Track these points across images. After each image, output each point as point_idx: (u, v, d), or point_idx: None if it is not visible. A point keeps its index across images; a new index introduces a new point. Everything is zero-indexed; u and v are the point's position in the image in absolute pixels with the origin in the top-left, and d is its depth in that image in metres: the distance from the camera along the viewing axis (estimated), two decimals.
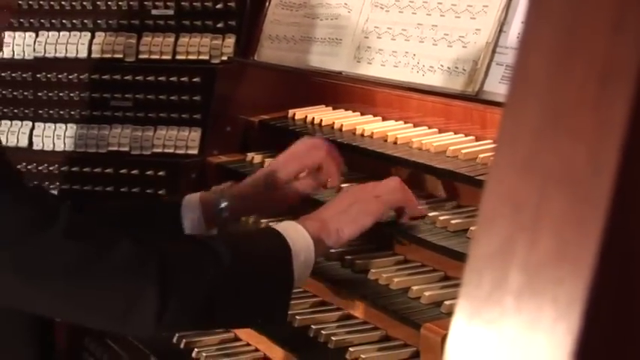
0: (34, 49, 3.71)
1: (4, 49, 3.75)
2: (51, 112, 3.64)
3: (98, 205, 2.73)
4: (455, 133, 2.52)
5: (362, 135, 2.66)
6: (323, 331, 2.16)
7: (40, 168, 3.63)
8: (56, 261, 1.67)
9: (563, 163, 0.64)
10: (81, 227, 1.73)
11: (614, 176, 0.61)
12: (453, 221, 2.17)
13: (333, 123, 2.79)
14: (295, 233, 1.95)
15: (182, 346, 2.47)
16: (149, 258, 1.71)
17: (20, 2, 3.74)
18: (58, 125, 3.64)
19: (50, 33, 3.70)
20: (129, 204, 2.58)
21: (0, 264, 1.66)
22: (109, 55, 3.59)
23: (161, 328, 1.74)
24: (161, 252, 1.74)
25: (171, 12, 3.51)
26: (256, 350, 2.42)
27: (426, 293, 2.07)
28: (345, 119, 2.80)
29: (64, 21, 3.68)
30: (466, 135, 2.49)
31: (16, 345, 1.94)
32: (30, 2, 3.72)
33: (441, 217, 2.19)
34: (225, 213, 2.24)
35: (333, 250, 2.31)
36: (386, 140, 2.58)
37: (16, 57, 3.74)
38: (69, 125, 3.61)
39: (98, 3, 3.61)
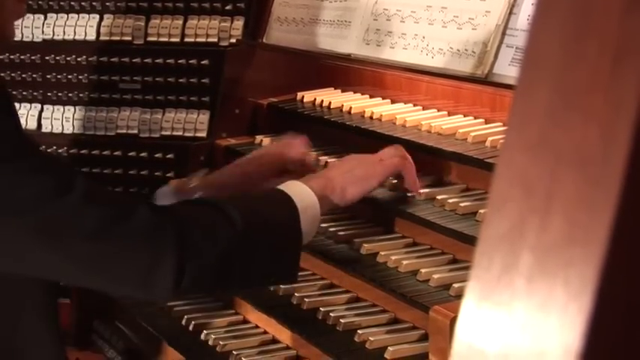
0: (43, 32, 3.71)
1: None
2: (59, 94, 3.64)
3: None
4: (464, 116, 2.51)
5: (371, 118, 2.65)
6: (331, 314, 2.17)
7: (48, 151, 3.63)
8: (77, 225, 1.70)
9: (575, 145, 0.64)
10: (99, 193, 1.77)
11: (626, 157, 0.61)
12: (461, 204, 2.16)
13: (342, 105, 2.78)
14: (300, 192, 1.99)
15: (191, 328, 2.47)
16: (166, 224, 1.75)
17: None
18: (66, 108, 3.64)
19: (59, 15, 3.70)
20: None
21: (22, 231, 1.67)
22: (117, 38, 3.58)
23: (180, 292, 1.79)
24: (177, 218, 1.78)
25: None
26: (265, 332, 2.42)
27: (435, 276, 2.07)
28: (354, 102, 2.80)
29: (72, 3, 3.67)
30: (475, 118, 2.49)
31: (36, 327, 1.96)
32: None
33: (450, 200, 2.19)
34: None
35: (341, 233, 2.31)
36: (395, 123, 2.57)
37: (24, 39, 3.74)
38: (77, 108, 3.61)
39: None
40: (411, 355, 2.00)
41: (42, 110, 3.69)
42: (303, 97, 2.96)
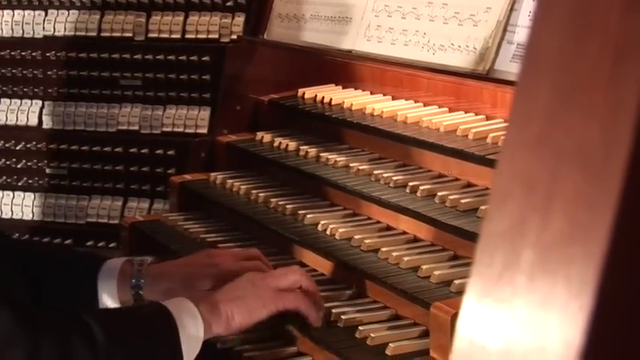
0: (44, 28, 3.71)
1: (14, 27, 3.75)
2: (61, 90, 3.64)
3: (21, 242, 2.69)
4: (465, 113, 2.51)
5: (372, 114, 2.65)
6: (333, 310, 2.17)
7: (50, 147, 3.64)
8: None
9: (576, 142, 0.64)
10: None
11: (627, 155, 0.61)
12: (462, 200, 2.16)
13: (343, 102, 2.78)
14: (189, 316, 1.90)
15: None
16: (20, 342, 1.70)
17: None
18: (67, 104, 3.64)
19: (59, 11, 3.70)
20: (50, 250, 2.50)
21: None
22: (118, 34, 3.59)
23: None
24: (35, 337, 1.72)
25: None
26: (267, 329, 2.42)
27: (436, 272, 2.07)
28: (354, 98, 2.80)
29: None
30: (476, 114, 2.49)
31: None
32: None
33: (451, 197, 2.19)
34: (138, 290, 2.14)
35: (341, 230, 2.30)
36: (396, 119, 2.57)
37: (25, 35, 3.74)
38: (78, 104, 3.62)
39: None
40: (412, 352, 2.00)
41: (43, 107, 3.69)
42: (304, 93, 2.96)
